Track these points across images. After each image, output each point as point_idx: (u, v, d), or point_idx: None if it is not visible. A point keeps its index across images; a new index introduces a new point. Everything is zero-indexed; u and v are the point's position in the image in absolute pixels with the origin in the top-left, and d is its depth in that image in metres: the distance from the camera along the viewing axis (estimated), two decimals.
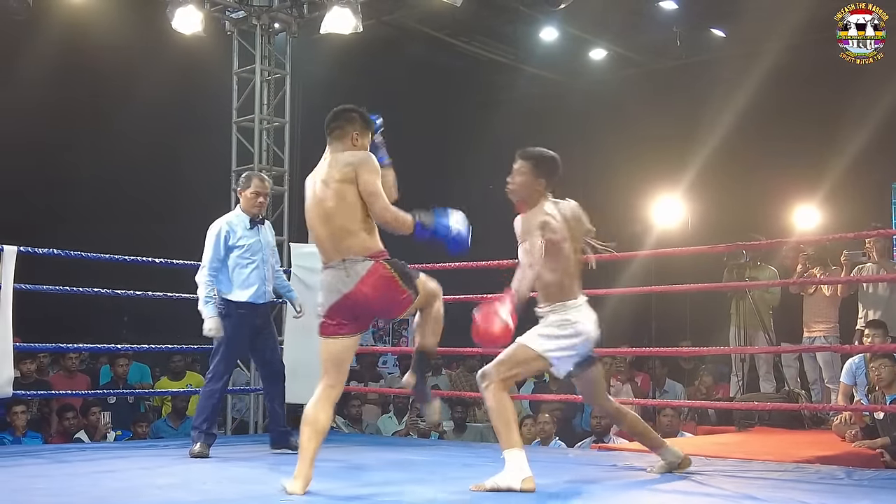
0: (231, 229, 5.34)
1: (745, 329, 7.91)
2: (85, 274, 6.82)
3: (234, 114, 8.37)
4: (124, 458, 5.54)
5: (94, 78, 9.53)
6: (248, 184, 5.44)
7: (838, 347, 7.26)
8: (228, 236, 5.32)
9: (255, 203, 5.41)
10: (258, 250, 5.38)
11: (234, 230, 5.34)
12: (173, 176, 10.00)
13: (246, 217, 5.41)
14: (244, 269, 5.33)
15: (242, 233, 5.35)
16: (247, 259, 5.34)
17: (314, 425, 3.96)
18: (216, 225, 5.39)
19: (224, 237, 5.32)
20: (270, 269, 5.50)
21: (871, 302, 7.21)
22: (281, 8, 8.36)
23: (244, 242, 5.33)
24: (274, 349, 5.63)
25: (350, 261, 3.98)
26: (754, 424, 7.04)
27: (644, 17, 11.72)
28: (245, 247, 5.32)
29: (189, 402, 7.93)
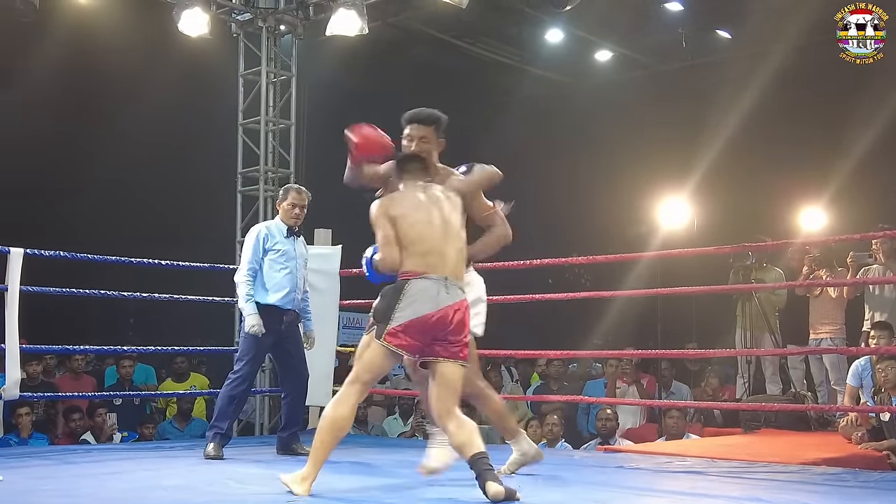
0: (269, 233, 5.52)
1: (751, 331, 7.89)
2: (91, 275, 6.85)
3: (239, 115, 8.39)
4: (130, 460, 5.55)
5: (100, 80, 9.56)
6: (286, 196, 5.64)
7: (844, 349, 7.24)
8: (266, 239, 5.49)
9: (292, 214, 5.59)
10: (292, 258, 5.53)
11: (273, 235, 5.52)
12: (179, 178, 10.03)
13: (284, 226, 5.60)
14: (277, 273, 5.47)
15: (279, 238, 5.52)
16: (280, 264, 5.48)
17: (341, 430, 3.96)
18: (256, 228, 5.59)
19: (262, 239, 5.49)
20: (303, 279, 5.65)
21: (877, 304, 7.19)
22: (287, 10, 8.37)
23: (280, 248, 5.49)
24: (297, 354, 5.69)
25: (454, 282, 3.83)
26: (760, 426, 7.03)
27: (650, 18, 11.71)
28: (280, 251, 5.48)
29: (193, 404, 7.94)
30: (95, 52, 9.14)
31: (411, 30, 11.50)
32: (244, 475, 4.94)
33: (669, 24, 11.69)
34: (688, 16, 11.49)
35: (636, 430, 7.68)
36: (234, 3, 8.38)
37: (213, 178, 9.15)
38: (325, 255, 7.05)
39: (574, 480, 4.54)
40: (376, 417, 8.84)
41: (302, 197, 5.62)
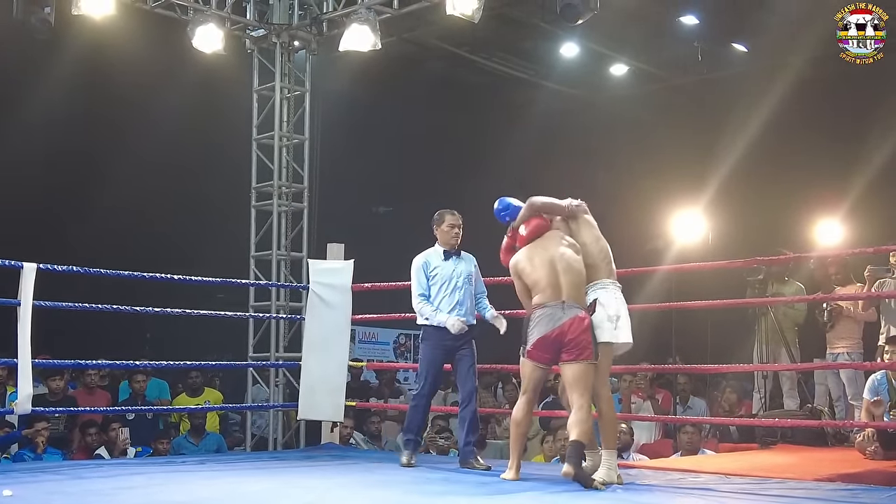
0: (427, 261, 5.82)
1: (768, 345, 7.81)
2: (108, 290, 6.87)
3: (253, 131, 8.43)
4: (142, 475, 5.56)
5: (115, 96, 9.62)
6: (442, 220, 5.85)
7: (859, 364, 7.15)
8: (426, 267, 5.80)
9: (452, 235, 5.82)
10: (451, 278, 5.76)
11: (430, 262, 5.81)
12: (193, 193, 10.08)
13: (440, 248, 5.84)
14: (440, 297, 5.76)
15: (437, 263, 5.80)
16: (441, 287, 5.75)
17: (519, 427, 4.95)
18: (416, 261, 5.85)
19: (422, 268, 5.81)
20: (468, 294, 5.82)
21: (893, 317, 7.10)
22: (300, 26, 8.43)
23: (438, 272, 5.78)
24: (467, 372, 5.80)
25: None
26: (777, 442, 6.95)
27: (665, 32, 11.70)
28: (437, 275, 5.77)
29: (206, 419, 7.95)
30: (110, 69, 9.20)
31: (426, 45, 11.55)
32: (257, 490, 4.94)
33: (685, 37, 11.68)
34: (703, 29, 11.47)
35: (651, 446, 7.62)
36: (248, 19, 8.45)
37: (228, 193, 9.19)
38: (337, 270, 7.06)
39: (584, 497, 4.50)
40: (390, 432, 8.81)
41: (457, 217, 5.85)
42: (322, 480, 5.40)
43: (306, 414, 7.12)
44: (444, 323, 5.67)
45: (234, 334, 8.63)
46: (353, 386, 8.35)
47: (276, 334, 8.10)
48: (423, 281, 5.78)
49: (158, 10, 8.06)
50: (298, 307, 8.00)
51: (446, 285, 5.75)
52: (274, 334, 8.09)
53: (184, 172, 10.03)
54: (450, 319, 5.65)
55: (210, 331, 9.30)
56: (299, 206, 8.41)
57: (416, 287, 5.80)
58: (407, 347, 12.95)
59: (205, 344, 9.74)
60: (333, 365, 6.95)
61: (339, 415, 7.02)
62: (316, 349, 7.01)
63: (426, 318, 5.75)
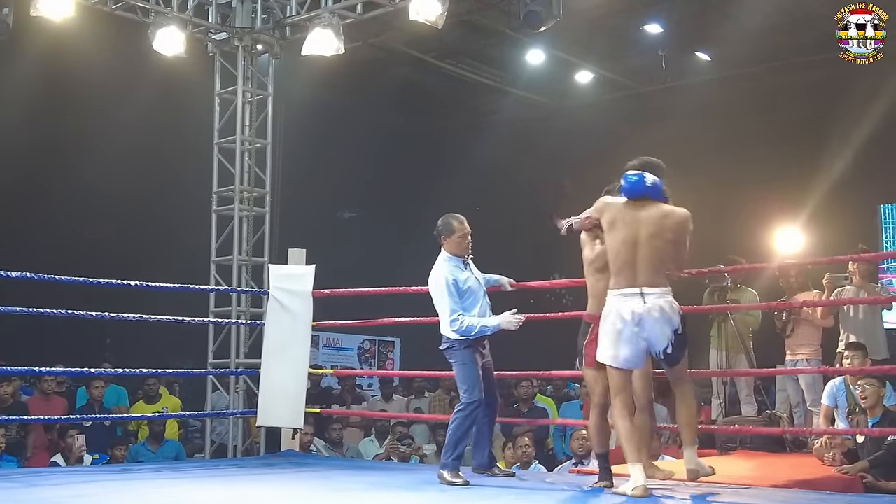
0: (456, 278, 5.34)
1: (727, 352, 7.86)
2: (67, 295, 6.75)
3: (215, 135, 8.36)
4: (97, 483, 5.47)
5: (75, 99, 9.51)
6: (451, 230, 5.41)
7: (818, 370, 7.21)
8: (457, 283, 5.33)
9: (465, 245, 5.42)
10: (478, 288, 5.41)
11: (458, 277, 5.35)
12: (153, 197, 9.98)
13: (459, 260, 5.42)
14: (472, 311, 5.33)
15: (462, 276, 5.37)
16: (470, 299, 5.35)
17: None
18: (441, 276, 5.35)
19: (455, 286, 5.32)
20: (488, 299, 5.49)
21: (850, 325, 7.18)
22: (263, 30, 8.36)
23: (468, 285, 5.36)
24: (490, 380, 5.51)
25: None
26: (736, 447, 6.97)
27: (630, 40, 11.78)
28: (469, 289, 5.36)
29: (165, 426, 7.86)
30: (69, 71, 9.09)
31: (392, 50, 11.53)
32: (213, 497, 4.88)
33: (649, 46, 11.76)
34: (667, 38, 11.56)
35: (613, 452, 7.62)
36: (210, 22, 8.37)
37: (188, 198, 9.10)
38: (298, 276, 7.00)
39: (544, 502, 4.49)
40: (352, 439, 8.77)
41: (465, 224, 5.44)
42: (280, 488, 5.35)
43: (266, 421, 7.05)
44: (497, 327, 5.27)
45: (195, 339, 8.54)
46: (314, 393, 8.29)
47: (236, 340, 8.02)
48: (457, 299, 5.30)
49: (119, 12, 7.96)
50: (259, 313, 7.92)
51: (475, 298, 5.36)
52: (234, 340, 8.01)
53: (144, 176, 9.92)
54: (502, 319, 5.28)
55: (172, 336, 9.20)
56: (261, 210, 8.35)
57: (451, 306, 5.26)
58: (371, 353, 12.89)
59: (166, 350, 9.64)
60: (293, 371, 6.89)
61: (298, 421, 6.96)
62: (276, 355, 6.94)
63: (477, 333, 5.27)
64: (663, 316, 4.45)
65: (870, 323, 7.17)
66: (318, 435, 8.24)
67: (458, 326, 5.25)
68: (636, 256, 4.49)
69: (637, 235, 4.51)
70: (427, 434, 8.60)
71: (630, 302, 4.44)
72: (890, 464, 5.75)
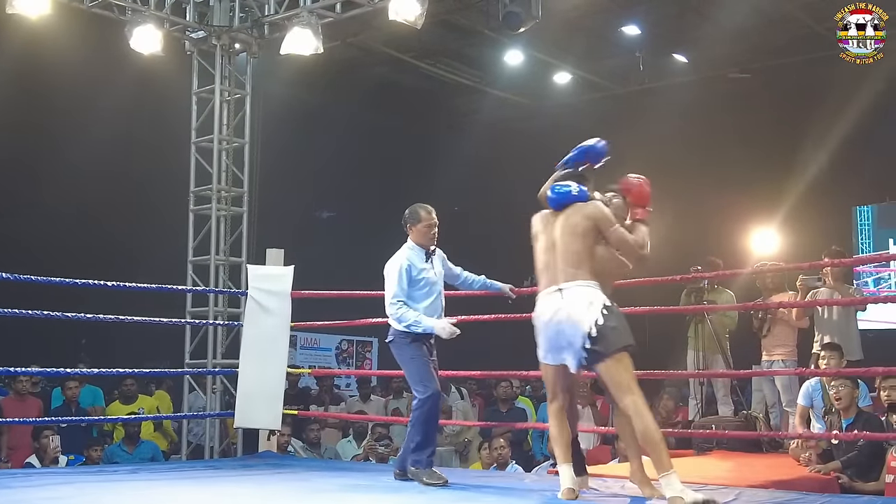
0: (412, 264, 5.25)
1: (704, 352, 7.91)
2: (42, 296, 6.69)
3: (192, 134, 8.31)
4: (73, 485, 5.42)
5: (51, 97, 9.42)
6: (418, 218, 5.32)
7: (794, 371, 7.27)
8: (410, 270, 5.24)
9: (430, 235, 5.32)
10: (435, 283, 5.31)
11: (415, 264, 5.26)
12: (131, 196, 9.91)
13: (422, 251, 5.33)
14: (425, 301, 5.25)
15: (422, 265, 5.28)
16: (423, 290, 5.25)
17: None
18: (398, 263, 5.26)
19: (407, 272, 5.23)
20: (443, 297, 5.38)
21: (825, 326, 7.23)
22: (241, 28, 8.32)
23: (424, 275, 5.26)
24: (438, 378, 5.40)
25: None
26: (713, 448, 7.02)
27: (608, 42, 11.82)
28: (425, 279, 5.26)
29: (141, 427, 7.81)
30: (45, 69, 9.01)
31: (371, 50, 11.51)
32: (190, 499, 4.85)
33: (627, 47, 11.82)
34: (645, 40, 11.61)
35: (590, 452, 7.65)
36: (187, 20, 8.32)
37: (166, 197, 9.04)
38: (277, 276, 6.98)
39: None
40: (330, 440, 8.75)
41: (432, 214, 5.33)
42: (257, 490, 5.33)
43: (243, 422, 7.02)
44: (432, 329, 5.15)
45: (173, 340, 8.48)
46: (291, 393, 8.26)
47: (213, 341, 7.98)
48: (405, 285, 5.21)
49: (95, 9, 7.89)
50: (237, 313, 7.90)
51: (431, 290, 5.26)
52: (212, 341, 7.97)
53: (120, 176, 9.85)
54: (438, 324, 5.16)
55: (148, 337, 9.14)
56: (239, 210, 8.31)
57: (394, 291, 5.20)
58: (349, 353, 12.88)
59: (143, 350, 9.58)
60: (271, 372, 6.87)
61: (276, 423, 6.94)
62: (254, 356, 6.92)
63: (408, 325, 5.17)
64: (580, 308, 4.29)
65: (844, 324, 7.23)
66: (296, 436, 8.21)
67: (394, 310, 5.19)
68: (555, 258, 4.43)
69: (553, 238, 4.47)
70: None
71: (550, 299, 4.36)
72: (863, 464, 5.81)
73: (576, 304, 4.29)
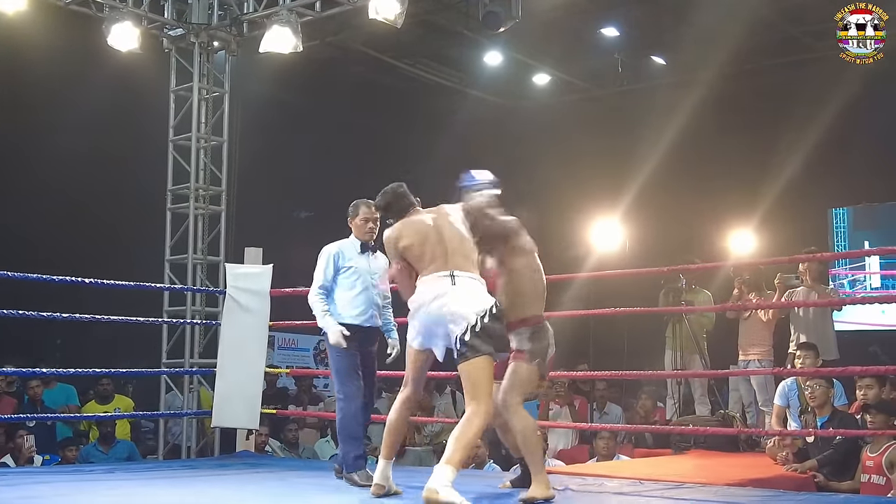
0: (341, 252, 5.30)
1: (681, 352, 7.97)
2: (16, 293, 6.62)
3: (170, 132, 8.26)
4: (48, 484, 5.39)
5: (27, 94, 9.31)
6: (357, 212, 5.39)
7: (771, 371, 7.33)
8: (338, 257, 5.28)
9: (366, 229, 5.35)
10: (365, 273, 5.29)
11: (344, 253, 5.30)
12: (107, 194, 9.81)
13: (357, 242, 5.37)
14: (350, 291, 5.24)
15: (351, 255, 5.31)
16: (353, 280, 5.25)
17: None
18: (327, 249, 5.34)
19: (334, 259, 5.28)
20: (380, 295, 5.37)
21: (801, 325, 7.30)
22: (220, 26, 8.29)
23: (352, 265, 5.27)
24: (371, 377, 5.37)
25: None
26: (690, 447, 7.07)
27: (587, 43, 11.86)
28: (352, 268, 5.26)
29: (115, 426, 7.75)
30: (22, 65, 8.91)
31: (350, 49, 11.48)
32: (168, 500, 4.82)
33: (606, 49, 11.87)
34: (624, 41, 11.67)
35: (568, 452, 7.69)
36: (165, 18, 8.28)
37: (143, 196, 8.97)
38: (256, 275, 6.96)
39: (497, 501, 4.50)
40: (308, 440, 8.72)
41: (373, 210, 5.29)
42: (235, 489, 5.30)
43: (221, 421, 6.99)
44: (326, 328, 5.12)
45: (148, 339, 8.42)
46: (269, 393, 8.23)
47: (190, 340, 7.93)
48: (330, 273, 5.23)
49: (73, 6, 7.83)
50: (214, 312, 7.85)
51: (359, 282, 5.24)
52: (189, 340, 7.92)
53: (97, 173, 9.74)
54: (332, 327, 5.10)
55: (124, 336, 9.07)
56: (217, 209, 8.26)
57: (319, 280, 5.23)
58: (327, 354, 12.82)
59: (118, 349, 9.49)
60: (250, 372, 6.84)
61: (254, 422, 6.91)
62: (232, 355, 6.89)
63: (317, 316, 5.19)
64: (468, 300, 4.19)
65: (820, 324, 7.31)
66: (274, 436, 8.18)
67: (312, 297, 5.22)
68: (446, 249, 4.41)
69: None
70: None
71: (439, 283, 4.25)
72: (839, 462, 5.87)
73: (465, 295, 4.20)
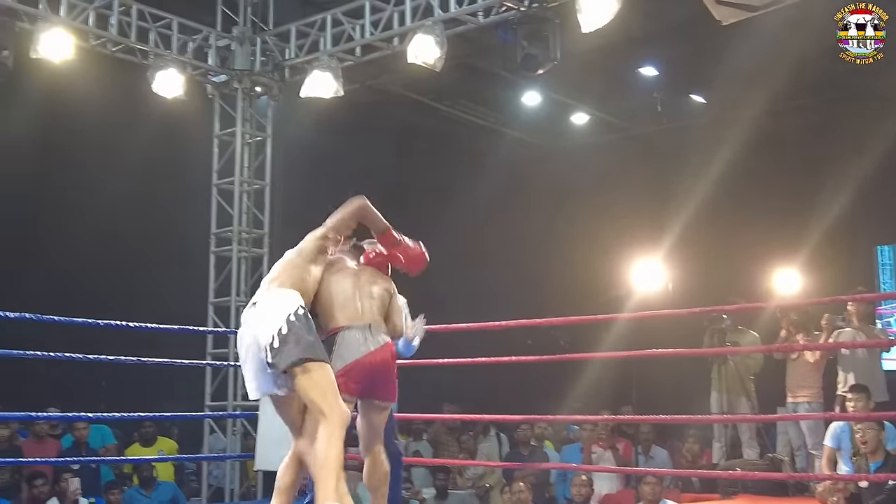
0: None
1: (728, 394, 7.83)
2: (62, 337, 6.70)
3: (214, 176, 8.37)
4: None
5: (74, 141, 9.49)
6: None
7: (822, 416, 7.17)
8: None
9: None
10: None
11: None
12: (152, 238, 9.93)
13: None
14: None
15: None
16: None
17: None
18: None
19: None
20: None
21: (849, 366, 7.16)
22: (262, 72, 8.42)
23: None
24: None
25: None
26: (738, 492, 6.92)
27: (625, 82, 11.86)
28: None
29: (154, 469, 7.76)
30: (68, 113, 9.09)
31: (390, 92, 11.57)
32: None
33: (644, 88, 11.85)
34: (662, 80, 11.65)
35: (612, 496, 7.56)
36: (209, 64, 8.42)
37: (187, 239, 9.08)
38: None
39: None
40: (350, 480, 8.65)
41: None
42: None
43: (264, 465, 6.96)
44: None
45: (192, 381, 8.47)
46: None
47: (234, 382, 7.96)
48: None
49: (119, 54, 8.01)
50: None
51: None
52: (232, 382, 7.95)
53: (143, 217, 9.89)
54: None
55: (167, 378, 9.12)
56: (259, 251, 8.33)
57: None
58: None
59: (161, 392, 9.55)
60: None
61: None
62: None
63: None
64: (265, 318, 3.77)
65: (869, 364, 7.17)
66: None
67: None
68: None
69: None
70: (426, 477, 8.51)
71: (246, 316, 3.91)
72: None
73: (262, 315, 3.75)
